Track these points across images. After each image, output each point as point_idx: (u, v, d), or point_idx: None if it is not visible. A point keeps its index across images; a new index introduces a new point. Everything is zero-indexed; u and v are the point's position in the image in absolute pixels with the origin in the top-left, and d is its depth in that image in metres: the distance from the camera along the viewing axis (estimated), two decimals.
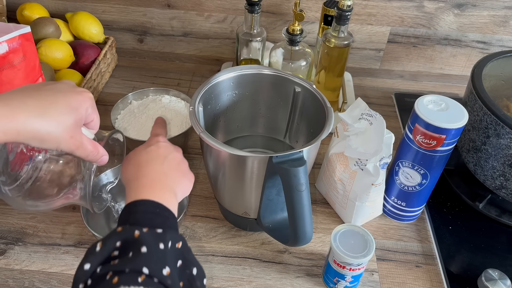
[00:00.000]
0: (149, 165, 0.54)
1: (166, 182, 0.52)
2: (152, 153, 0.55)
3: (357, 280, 0.63)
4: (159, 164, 0.54)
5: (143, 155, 0.55)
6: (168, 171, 0.54)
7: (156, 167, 0.54)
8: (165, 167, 0.54)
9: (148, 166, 0.54)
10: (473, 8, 0.96)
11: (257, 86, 0.72)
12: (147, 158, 0.55)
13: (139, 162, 0.55)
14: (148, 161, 0.54)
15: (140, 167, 0.54)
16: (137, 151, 0.57)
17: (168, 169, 0.54)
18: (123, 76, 1.02)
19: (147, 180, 0.52)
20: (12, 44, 0.62)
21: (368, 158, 0.65)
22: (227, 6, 0.99)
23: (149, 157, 0.55)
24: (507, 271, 0.63)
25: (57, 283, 0.64)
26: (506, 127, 0.66)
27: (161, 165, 0.54)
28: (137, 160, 0.55)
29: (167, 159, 0.55)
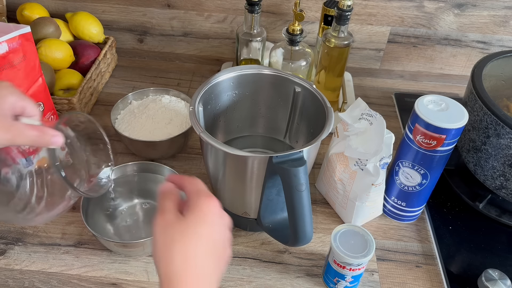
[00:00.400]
0: (204, 270, 0.40)
1: (212, 282, 0.41)
2: (205, 240, 0.41)
3: (357, 280, 0.63)
4: (215, 272, 0.42)
5: (193, 238, 0.41)
6: (216, 264, 0.42)
7: (213, 275, 0.41)
8: (214, 258, 0.42)
9: (202, 274, 0.40)
10: (473, 8, 0.96)
11: (257, 86, 0.72)
12: (200, 249, 0.41)
13: (187, 258, 0.40)
14: (205, 261, 0.41)
15: (187, 269, 0.40)
16: (184, 226, 0.41)
17: (216, 263, 0.42)
18: (123, 76, 1.02)
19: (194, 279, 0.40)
20: (12, 44, 0.62)
21: (368, 158, 0.65)
22: (227, 6, 0.99)
23: (205, 249, 0.41)
24: (507, 271, 0.63)
25: (57, 283, 0.64)
26: (506, 127, 0.66)
27: (211, 257, 0.41)
28: (184, 250, 0.40)
29: (218, 244, 0.43)
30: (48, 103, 0.71)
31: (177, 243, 0.40)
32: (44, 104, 0.70)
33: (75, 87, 0.87)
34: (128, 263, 0.67)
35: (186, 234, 0.40)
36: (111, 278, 0.65)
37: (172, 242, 0.40)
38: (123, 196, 0.73)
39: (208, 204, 0.42)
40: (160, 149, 0.78)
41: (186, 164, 0.82)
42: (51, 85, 0.83)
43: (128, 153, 0.83)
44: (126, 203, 0.73)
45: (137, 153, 0.81)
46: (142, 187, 0.74)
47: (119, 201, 0.73)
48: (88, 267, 0.66)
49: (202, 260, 0.40)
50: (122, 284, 0.64)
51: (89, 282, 0.64)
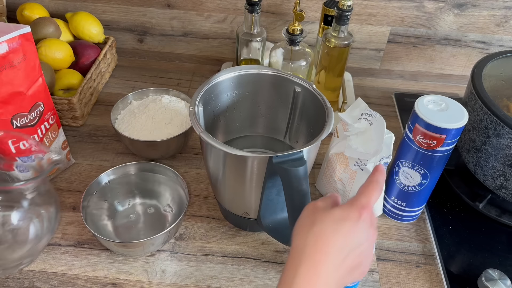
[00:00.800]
0: (328, 254, 0.42)
1: (335, 284, 0.42)
2: (341, 236, 0.43)
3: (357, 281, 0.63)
4: (337, 259, 0.42)
5: (329, 229, 0.43)
6: (346, 270, 0.43)
7: (333, 262, 0.42)
8: (345, 266, 0.43)
9: (326, 254, 0.42)
10: (473, 8, 0.96)
11: (257, 86, 0.72)
12: (332, 239, 0.42)
13: (318, 237, 0.43)
14: (330, 245, 0.42)
15: (316, 247, 0.42)
16: (329, 215, 0.44)
17: (347, 269, 0.43)
18: (123, 76, 1.02)
19: (315, 276, 0.41)
20: (12, 44, 0.62)
21: (368, 158, 0.65)
22: (227, 6, 0.99)
23: (335, 241, 0.42)
24: (507, 271, 0.63)
25: (57, 283, 0.64)
26: (506, 127, 0.66)
27: (340, 261, 0.42)
28: (320, 232, 0.43)
29: (354, 253, 0.43)
30: (48, 103, 0.71)
31: (315, 226, 0.43)
32: (44, 104, 0.70)
33: (75, 87, 0.87)
34: (128, 263, 0.67)
35: (326, 223, 0.43)
36: (111, 278, 0.65)
37: (312, 224, 0.44)
38: (123, 196, 0.73)
39: (359, 212, 0.44)
40: (160, 149, 0.78)
41: (186, 164, 0.82)
42: (51, 85, 0.83)
43: (128, 153, 0.83)
44: (126, 203, 0.73)
45: (137, 153, 0.81)
46: (142, 187, 0.74)
47: (119, 201, 0.73)
48: (88, 267, 0.66)
49: (331, 249, 0.42)
50: (122, 284, 0.64)
51: (89, 282, 0.64)
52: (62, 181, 0.78)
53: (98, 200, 0.70)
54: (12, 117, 0.65)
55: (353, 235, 0.43)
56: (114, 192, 0.72)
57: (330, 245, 0.42)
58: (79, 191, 0.76)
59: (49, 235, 0.64)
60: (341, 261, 0.42)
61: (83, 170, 0.80)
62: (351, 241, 0.43)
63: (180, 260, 0.67)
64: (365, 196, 0.45)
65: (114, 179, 0.71)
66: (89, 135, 0.87)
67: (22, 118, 0.67)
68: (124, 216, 0.72)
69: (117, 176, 0.72)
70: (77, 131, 0.87)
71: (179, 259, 0.68)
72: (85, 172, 0.79)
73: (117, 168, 0.71)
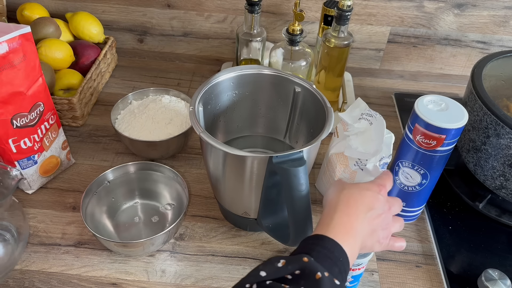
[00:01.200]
0: (357, 208, 0.51)
1: (361, 235, 0.50)
2: (366, 198, 0.52)
3: (357, 280, 0.63)
4: (364, 213, 0.51)
5: (356, 193, 0.53)
6: (369, 226, 0.51)
7: (361, 215, 0.51)
8: (368, 220, 0.51)
9: (355, 208, 0.51)
10: (473, 8, 0.96)
11: (257, 86, 0.72)
12: (359, 200, 0.52)
13: (349, 197, 0.52)
14: (358, 203, 0.52)
15: (348, 203, 0.52)
16: (356, 185, 0.54)
17: (370, 224, 0.51)
18: (123, 76, 1.02)
19: (348, 222, 0.50)
20: (12, 44, 0.62)
21: (368, 158, 0.65)
22: (227, 6, 0.99)
23: (362, 201, 0.52)
24: (507, 271, 0.63)
25: (57, 283, 0.64)
26: (506, 127, 0.66)
27: (365, 215, 0.51)
28: (349, 194, 0.53)
29: (375, 213, 0.52)
30: (48, 103, 0.71)
31: (345, 189, 0.53)
32: (44, 104, 0.70)
33: (75, 87, 0.87)
34: (128, 263, 0.67)
35: (354, 189, 0.53)
36: (111, 278, 0.65)
37: (343, 188, 0.54)
38: (123, 196, 0.73)
39: (379, 187, 0.54)
40: (160, 149, 0.78)
41: (186, 164, 0.82)
42: (51, 85, 0.83)
43: (128, 153, 0.83)
44: (126, 203, 0.73)
45: (137, 153, 0.81)
46: (142, 187, 0.74)
47: (119, 201, 0.73)
48: (88, 267, 0.66)
49: (359, 206, 0.52)
50: (122, 284, 0.64)
51: (89, 282, 0.64)
52: (62, 181, 0.78)
53: (98, 200, 0.70)
54: (12, 117, 0.65)
55: (375, 202, 0.52)
56: (114, 192, 0.72)
57: (358, 203, 0.52)
58: (79, 191, 0.76)
59: (21, 247, 0.65)
60: (366, 217, 0.51)
61: (83, 170, 0.80)
62: (373, 205, 0.52)
63: (180, 260, 0.67)
64: (381, 179, 0.57)
65: (114, 179, 0.71)
66: (89, 135, 0.87)
67: (22, 118, 0.67)
68: (124, 216, 0.72)
69: (117, 176, 0.72)
70: (77, 131, 0.87)
71: (179, 259, 0.68)
72: (85, 172, 0.79)
73: (117, 168, 0.71)
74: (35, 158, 0.72)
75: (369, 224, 0.51)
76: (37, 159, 0.72)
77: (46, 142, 0.73)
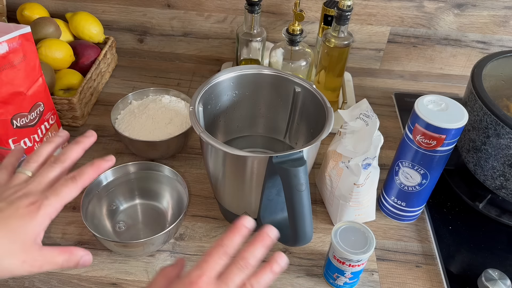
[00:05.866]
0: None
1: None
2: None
3: (357, 277, 0.63)
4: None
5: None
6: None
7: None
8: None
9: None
10: (473, 8, 0.96)
11: (257, 86, 0.72)
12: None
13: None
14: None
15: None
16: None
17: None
18: (123, 76, 1.02)
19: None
20: (12, 44, 0.62)
21: (353, 157, 0.65)
22: (227, 6, 0.99)
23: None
24: (507, 271, 0.63)
25: (57, 283, 0.64)
26: (506, 127, 0.66)
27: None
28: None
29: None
30: (48, 103, 0.71)
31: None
32: (44, 104, 0.70)
33: (75, 87, 0.87)
34: (128, 263, 0.67)
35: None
36: (111, 278, 0.65)
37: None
38: (123, 196, 0.73)
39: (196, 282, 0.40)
40: (160, 149, 0.78)
41: (186, 164, 0.82)
42: (51, 85, 0.83)
43: (128, 153, 0.83)
44: (126, 203, 0.73)
45: (137, 153, 0.81)
46: (142, 187, 0.74)
47: (119, 201, 0.73)
48: (88, 267, 0.66)
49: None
50: (122, 284, 0.64)
51: (89, 282, 0.64)
52: None
53: (98, 200, 0.70)
54: (12, 117, 0.65)
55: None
56: (114, 192, 0.72)
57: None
58: None
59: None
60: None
61: None
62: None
63: None
64: (198, 269, 0.41)
65: (114, 179, 0.71)
66: None
67: (22, 118, 0.67)
68: (124, 216, 0.72)
69: (117, 176, 0.72)
70: (77, 131, 0.87)
71: None
72: None
73: (117, 168, 0.71)
74: None
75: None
76: None
77: None
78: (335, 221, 0.73)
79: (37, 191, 0.44)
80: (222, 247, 0.42)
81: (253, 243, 0.44)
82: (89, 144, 0.50)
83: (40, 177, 0.45)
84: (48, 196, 0.43)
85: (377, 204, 0.76)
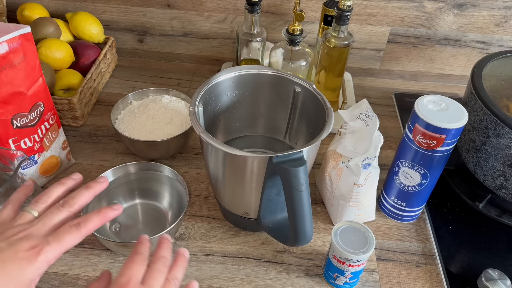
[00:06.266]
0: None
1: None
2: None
3: (357, 277, 0.63)
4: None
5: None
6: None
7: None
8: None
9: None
10: (473, 8, 0.96)
11: (257, 86, 0.72)
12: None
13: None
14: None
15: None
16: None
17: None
18: (123, 76, 1.02)
19: None
20: (12, 44, 0.62)
21: (353, 157, 0.65)
22: (227, 6, 0.99)
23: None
24: (507, 271, 0.63)
25: (57, 283, 0.64)
26: (506, 127, 0.66)
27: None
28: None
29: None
30: (48, 103, 0.71)
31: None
32: (44, 104, 0.70)
33: (75, 87, 0.87)
34: None
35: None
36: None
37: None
38: (123, 196, 0.73)
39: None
40: (160, 149, 0.78)
41: (186, 164, 0.82)
42: (51, 85, 0.83)
43: (128, 153, 0.83)
44: (126, 203, 0.73)
45: (137, 153, 0.81)
46: (142, 187, 0.74)
47: (119, 201, 0.73)
48: (88, 267, 0.66)
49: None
50: None
51: (89, 282, 0.64)
52: None
53: (98, 200, 0.70)
54: (12, 117, 0.65)
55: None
56: (114, 192, 0.72)
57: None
58: None
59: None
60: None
61: (83, 170, 0.80)
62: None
63: None
64: (124, 276, 0.44)
65: (114, 179, 0.71)
66: (89, 135, 0.87)
67: (22, 118, 0.67)
68: (124, 216, 0.72)
69: (117, 176, 0.72)
70: (77, 131, 0.87)
71: None
72: (85, 172, 0.79)
73: (117, 168, 0.71)
74: (35, 158, 0.72)
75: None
76: (37, 159, 0.72)
77: (46, 142, 0.73)
78: (335, 221, 0.73)
79: (39, 235, 0.43)
80: (139, 255, 0.46)
81: (160, 247, 0.48)
82: (99, 190, 0.50)
83: (46, 219, 0.45)
84: (50, 242, 0.43)
85: (377, 204, 0.76)
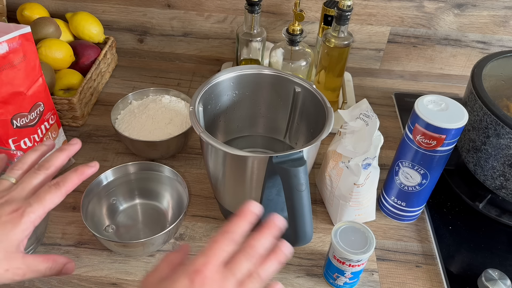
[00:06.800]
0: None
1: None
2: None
3: (357, 277, 0.63)
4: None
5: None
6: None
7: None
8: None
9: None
10: (473, 8, 0.96)
11: (257, 86, 0.72)
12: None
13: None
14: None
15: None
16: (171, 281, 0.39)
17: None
18: (123, 76, 1.02)
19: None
20: (12, 44, 0.62)
21: (353, 157, 0.65)
22: (227, 6, 0.99)
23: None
24: (507, 271, 0.63)
25: (57, 283, 0.64)
26: (506, 127, 0.66)
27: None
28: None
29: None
30: (48, 103, 0.71)
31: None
32: (44, 104, 0.70)
33: (75, 87, 0.87)
34: (128, 263, 0.67)
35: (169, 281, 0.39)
36: (111, 278, 0.65)
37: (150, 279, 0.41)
38: (123, 196, 0.73)
39: (190, 278, 0.39)
40: (160, 149, 0.78)
41: (186, 164, 0.82)
42: (51, 85, 0.83)
43: (128, 153, 0.83)
44: (126, 203, 0.73)
45: (137, 153, 0.81)
46: (142, 187, 0.74)
47: (119, 201, 0.73)
48: (88, 267, 0.66)
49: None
50: (122, 284, 0.64)
51: (89, 282, 0.64)
52: None
53: (98, 200, 0.70)
54: (12, 117, 0.65)
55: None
56: (114, 192, 0.72)
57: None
58: (79, 191, 0.76)
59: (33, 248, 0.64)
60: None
61: None
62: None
63: None
64: (204, 256, 0.39)
65: (114, 179, 0.71)
66: (89, 135, 0.87)
67: (22, 118, 0.67)
68: (124, 216, 0.72)
69: (117, 176, 0.72)
70: (77, 131, 0.87)
71: None
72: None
73: (117, 168, 0.71)
74: None
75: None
76: None
77: None
78: (335, 221, 0.73)
79: (20, 198, 0.43)
80: (229, 234, 0.41)
81: (261, 231, 0.42)
82: (73, 151, 0.49)
83: (24, 183, 0.45)
84: (31, 203, 0.43)
85: (377, 204, 0.76)
